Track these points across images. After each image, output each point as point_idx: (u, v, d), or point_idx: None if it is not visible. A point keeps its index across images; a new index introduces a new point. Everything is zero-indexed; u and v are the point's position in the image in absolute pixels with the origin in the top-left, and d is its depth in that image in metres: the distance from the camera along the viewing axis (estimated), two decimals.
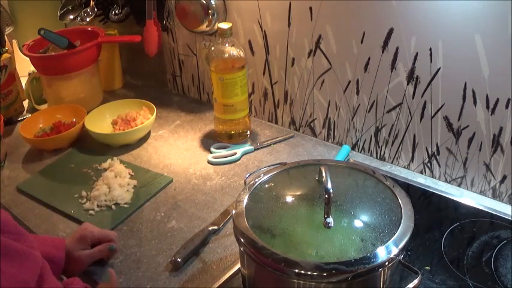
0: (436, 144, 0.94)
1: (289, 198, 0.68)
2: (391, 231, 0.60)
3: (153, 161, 1.09)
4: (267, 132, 1.18)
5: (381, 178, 0.70)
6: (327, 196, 0.60)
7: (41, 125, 1.20)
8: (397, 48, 0.91)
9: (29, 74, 1.37)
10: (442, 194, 0.93)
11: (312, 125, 1.14)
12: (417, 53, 0.88)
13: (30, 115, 1.28)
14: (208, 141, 1.15)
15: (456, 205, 0.90)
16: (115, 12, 1.34)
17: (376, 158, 1.06)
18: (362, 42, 0.95)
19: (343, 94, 1.03)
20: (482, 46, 0.80)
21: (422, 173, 1.00)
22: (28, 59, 1.29)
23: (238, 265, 0.76)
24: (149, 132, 1.21)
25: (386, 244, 0.58)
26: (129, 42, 1.36)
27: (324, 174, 0.63)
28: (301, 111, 1.14)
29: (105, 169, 1.05)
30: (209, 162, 1.08)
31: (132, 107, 1.22)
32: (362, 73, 0.98)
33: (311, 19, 1.00)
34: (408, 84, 0.92)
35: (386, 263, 0.56)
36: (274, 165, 0.75)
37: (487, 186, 0.92)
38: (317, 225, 0.61)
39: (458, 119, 0.89)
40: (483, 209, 0.88)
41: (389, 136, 1.01)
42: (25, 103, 1.39)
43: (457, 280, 0.74)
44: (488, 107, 0.84)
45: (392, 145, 1.01)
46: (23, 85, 1.37)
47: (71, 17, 1.39)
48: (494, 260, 0.77)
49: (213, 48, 1.05)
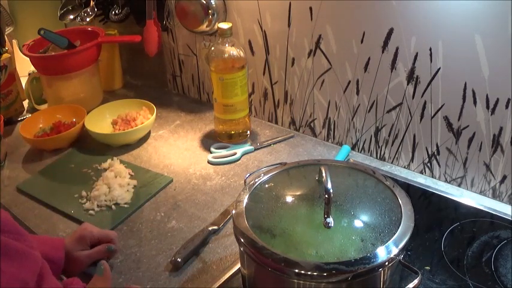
0: (436, 144, 0.94)
1: (289, 198, 0.68)
2: (391, 231, 0.60)
3: (153, 161, 1.09)
4: (267, 132, 1.18)
5: (381, 178, 0.70)
6: (327, 196, 0.60)
7: (41, 125, 1.20)
8: (397, 48, 0.91)
9: (29, 74, 1.37)
10: (442, 194, 0.93)
11: (312, 125, 1.14)
12: (417, 53, 0.88)
13: (30, 115, 1.28)
14: (208, 141, 1.15)
15: (456, 205, 0.90)
16: (115, 12, 1.34)
17: (376, 158, 1.06)
18: (362, 42, 0.95)
19: (343, 94, 1.03)
20: (482, 46, 0.80)
21: (422, 173, 1.00)
22: (28, 59, 1.29)
23: (238, 265, 0.76)
24: (149, 132, 1.21)
25: (386, 244, 0.58)
26: (129, 42, 1.36)
27: (324, 174, 0.63)
28: (301, 111, 1.14)
29: (105, 169, 1.05)
30: (209, 162, 1.08)
31: (132, 107, 1.22)
32: (362, 73, 0.98)
33: (311, 19, 1.00)
34: (408, 84, 0.92)
35: (386, 263, 0.56)
36: (274, 165, 0.75)
37: (487, 186, 0.92)
38: (317, 225, 0.61)
39: (458, 119, 0.89)
40: (483, 209, 0.88)
41: (389, 136, 1.01)
42: (25, 103, 1.39)
43: (457, 280, 0.74)
44: (488, 107, 0.84)
45: (392, 145, 1.01)
46: (23, 85, 1.37)
47: (71, 17, 1.39)
48: (494, 260, 0.77)
49: (213, 48, 1.05)
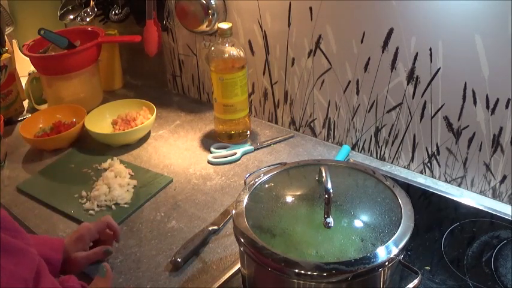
0: (436, 144, 0.94)
1: (289, 198, 0.68)
2: (391, 231, 0.60)
3: (153, 161, 1.09)
4: (267, 132, 1.18)
5: (381, 178, 0.70)
6: (327, 196, 0.60)
7: (41, 125, 1.20)
8: (397, 48, 0.91)
9: (29, 74, 1.37)
10: (442, 194, 0.93)
11: (312, 125, 1.14)
12: (417, 53, 0.88)
13: (30, 115, 1.28)
14: (208, 141, 1.15)
15: (456, 205, 0.90)
16: (115, 12, 1.34)
17: (376, 158, 1.06)
18: (362, 42, 0.95)
19: (343, 94, 1.03)
20: (482, 46, 0.80)
21: (422, 173, 1.00)
22: (28, 59, 1.29)
23: (238, 265, 0.76)
24: (149, 132, 1.21)
25: (387, 244, 0.58)
26: (129, 42, 1.36)
27: (324, 174, 0.63)
28: (301, 111, 1.14)
29: (105, 169, 1.05)
30: (209, 162, 1.08)
31: (132, 107, 1.22)
32: (362, 73, 0.98)
33: (311, 19, 1.00)
34: (408, 84, 0.92)
35: (386, 263, 0.56)
36: (274, 165, 0.75)
37: (487, 186, 0.92)
38: (317, 225, 0.61)
39: (458, 119, 0.89)
40: (483, 209, 0.88)
41: (389, 136, 1.01)
42: (25, 103, 1.39)
43: (457, 280, 0.74)
44: (488, 107, 0.84)
45: (392, 145, 1.01)
46: (23, 85, 1.37)
47: (71, 17, 1.39)
48: (494, 260, 0.77)
49: (213, 48, 1.05)
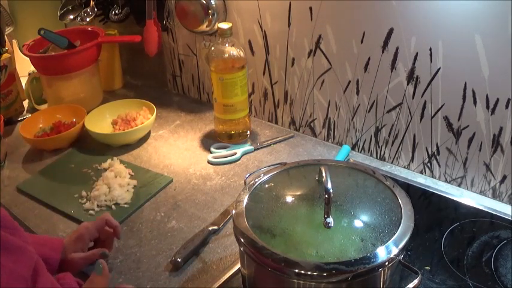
0: (436, 144, 0.94)
1: (289, 198, 0.68)
2: (391, 231, 0.60)
3: (153, 161, 1.09)
4: (267, 132, 1.18)
5: (381, 178, 0.70)
6: (327, 196, 0.60)
7: (41, 125, 1.20)
8: (397, 48, 0.91)
9: (29, 74, 1.37)
10: (442, 194, 0.93)
11: (312, 125, 1.14)
12: (417, 53, 0.88)
13: (30, 115, 1.28)
14: (208, 141, 1.15)
15: (456, 205, 0.90)
16: (115, 12, 1.34)
17: (376, 158, 1.06)
18: (362, 42, 0.95)
19: (343, 94, 1.03)
20: (482, 46, 0.80)
21: (422, 173, 1.00)
22: (28, 59, 1.28)
23: (238, 265, 0.76)
24: (149, 132, 1.21)
25: (386, 244, 0.58)
26: (129, 42, 1.36)
27: (324, 174, 0.63)
28: (301, 111, 1.14)
29: (105, 169, 1.05)
30: (209, 162, 1.08)
31: (132, 107, 1.22)
32: (362, 73, 0.98)
33: (311, 19, 1.00)
34: (408, 84, 0.92)
35: (386, 263, 0.56)
36: (274, 165, 0.75)
37: (487, 186, 0.92)
38: (317, 225, 0.61)
39: (458, 119, 0.89)
40: (483, 209, 0.88)
41: (389, 136, 1.01)
42: (25, 103, 1.39)
43: (457, 280, 0.74)
44: (488, 107, 0.84)
45: (392, 145, 1.01)
46: (23, 85, 1.37)
47: (71, 17, 1.39)
48: (494, 260, 0.77)
49: (213, 48, 1.05)
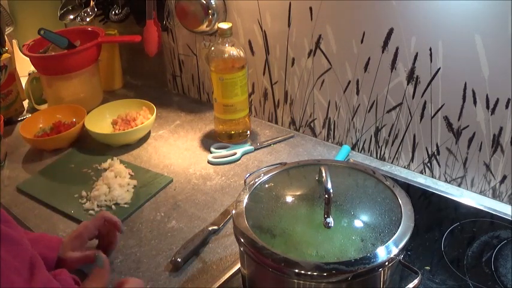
0: (436, 144, 0.94)
1: (289, 198, 0.68)
2: (391, 231, 0.60)
3: (153, 161, 1.09)
4: (267, 132, 1.18)
5: (381, 178, 0.70)
6: (327, 196, 0.60)
7: (41, 125, 1.20)
8: (397, 48, 0.91)
9: (29, 74, 1.37)
10: (442, 194, 0.93)
11: (312, 125, 1.14)
12: (417, 53, 0.88)
13: (30, 115, 1.28)
14: (208, 141, 1.15)
15: (456, 205, 0.90)
16: (115, 12, 1.34)
17: (376, 158, 1.06)
18: (362, 42, 0.95)
19: (343, 94, 1.03)
20: (482, 46, 0.80)
21: (422, 173, 1.00)
22: (28, 59, 1.28)
23: (238, 265, 0.76)
24: (149, 132, 1.21)
25: (387, 244, 0.58)
26: (129, 42, 1.36)
27: (324, 174, 0.63)
28: (301, 111, 1.14)
29: (105, 169, 1.05)
30: (209, 162, 1.08)
31: (132, 107, 1.22)
32: (362, 73, 0.98)
33: (311, 19, 1.00)
34: (408, 84, 0.92)
35: (386, 263, 0.56)
36: (274, 165, 0.75)
37: (487, 186, 0.92)
38: (317, 225, 0.61)
39: (458, 119, 0.89)
40: (483, 209, 0.88)
41: (389, 136, 1.01)
42: (25, 103, 1.39)
43: (457, 280, 0.74)
44: (488, 107, 0.84)
45: (392, 145, 1.01)
46: (23, 85, 1.37)
47: (71, 17, 1.39)
48: (494, 260, 0.77)
49: (213, 48, 1.05)
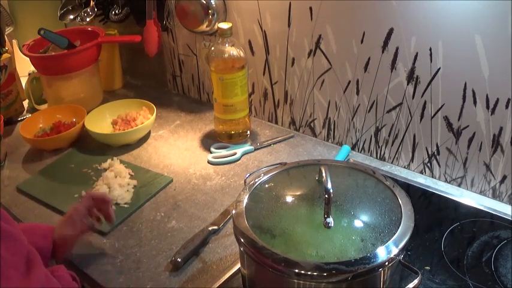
0: (436, 144, 0.94)
1: (289, 198, 0.68)
2: (391, 231, 0.60)
3: (153, 161, 1.09)
4: (267, 132, 1.18)
5: (381, 178, 0.70)
6: (327, 196, 0.60)
7: (41, 125, 1.20)
8: (397, 48, 0.91)
9: (29, 74, 1.37)
10: (442, 194, 0.93)
11: (312, 125, 1.14)
12: (417, 53, 0.88)
13: (30, 115, 1.28)
14: (208, 141, 1.15)
15: (456, 205, 0.90)
16: (115, 12, 1.34)
17: (376, 158, 1.06)
18: (362, 42, 0.95)
19: (343, 94, 1.03)
20: (482, 46, 0.80)
21: (422, 173, 1.00)
22: (28, 59, 1.28)
23: (238, 265, 0.76)
24: (149, 132, 1.21)
25: (386, 244, 0.58)
26: (129, 42, 1.36)
27: (324, 174, 0.63)
28: (301, 111, 1.14)
29: (105, 169, 1.05)
30: (209, 162, 1.08)
31: (132, 107, 1.22)
32: (362, 73, 0.98)
33: (311, 19, 1.00)
34: (408, 84, 0.92)
35: (386, 263, 0.56)
36: (274, 165, 0.75)
37: (487, 186, 0.92)
38: (317, 225, 0.61)
39: (458, 119, 0.89)
40: (483, 209, 0.88)
41: (389, 136, 1.01)
42: (25, 103, 1.39)
43: (457, 280, 0.74)
44: (488, 107, 0.84)
45: (392, 145, 1.01)
46: (23, 85, 1.37)
47: (71, 17, 1.39)
48: (494, 260, 0.77)
49: (213, 48, 1.05)
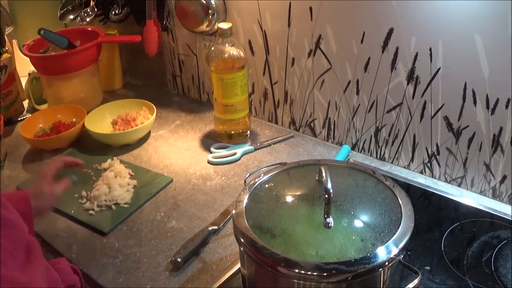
0: (436, 144, 0.94)
1: (289, 198, 0.68)
2: (391, 231, 0.60)
3: (153, 161, 1.09)
4: (267, 132, 1.18)
5: (381, 178, 0.70)
6: (327, 196, 0.60)
7: (41, 125, 1.20)
8: (397, 48, 0.91)
9: (29, 74, 1.37)
10: (442, 194, 0.93)
11: (312, 125, 1.14)
12: (417, 53, 0.88)
13: (30, 115, 1.27)
14: (208, 141, 1.15)
15: (456, 205, 0.90)
16: (115, 12, 1.34)
17: (376, 158, 1.06)
18: (362, 42, 0.95)
19: (343, 94, 1.03)
20: (482, 46, 0.80)
21: (422, 173, 1.00)
22: (28, 59, 1.28)
23: (238, 265, 0.76)
24: (149, 132, 1.21)
25: (387, 244, 0.58)
26: (129, 42, 1.36)
27: (324, 174, 0.63)
28: (301, 111, 1.14)
29: (105, 169, 1.05)
30: (209, 162, 1.08)
31: (132, 107, 1.22)
32: (362, 73, 0.98)
33: (311, 19, 1.00)
34: (408, 84, 0.92)
35: (386, 263, 0.56)
36: (274, 165, 0.75)
37: (487, 186, 0.92)
38: (317, 225, 0.61)
39: (458, 119, 0.89)
40: (483, 209, 0.88)
41: (389, 136, 1.01)
42: (25, 103, 1.39)
43: (457, 280, 0.74)
44: (488, 107, 0.84)
45: (392, 145, 1.01)
46: (23, 85, 1.37)
47: (71, 17, 1.39)
48: (494, 260, 0.77)
49: (213, 48, 1.05)
